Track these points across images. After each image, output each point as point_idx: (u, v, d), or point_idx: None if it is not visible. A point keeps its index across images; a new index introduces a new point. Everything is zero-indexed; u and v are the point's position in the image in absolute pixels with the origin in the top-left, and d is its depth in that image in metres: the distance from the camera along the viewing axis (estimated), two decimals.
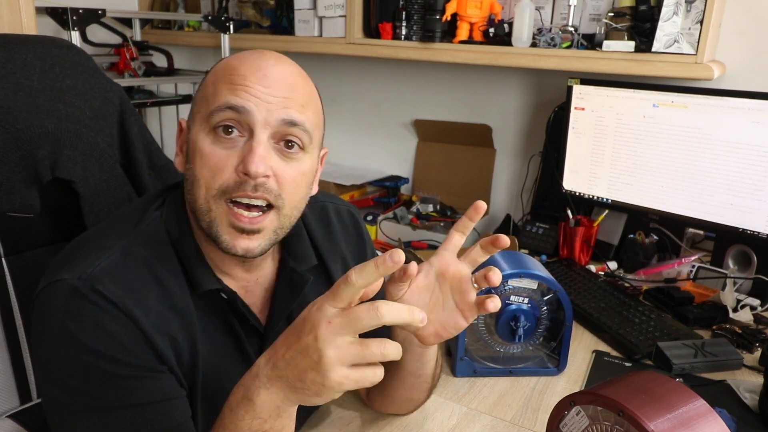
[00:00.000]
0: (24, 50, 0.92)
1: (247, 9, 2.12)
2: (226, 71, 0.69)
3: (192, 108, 0.73)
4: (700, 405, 0.64)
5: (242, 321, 0.77)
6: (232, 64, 0.70)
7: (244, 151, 0.67)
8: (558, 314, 1.06)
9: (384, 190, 2.07)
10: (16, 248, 0.97)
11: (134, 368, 0.65)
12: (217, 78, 0.70)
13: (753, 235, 1.36)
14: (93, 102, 0.99)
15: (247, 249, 0.70)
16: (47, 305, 0.66)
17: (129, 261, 0.68)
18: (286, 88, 0.69)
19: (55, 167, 0.94)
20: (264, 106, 0.67)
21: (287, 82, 0.70)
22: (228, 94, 0.67)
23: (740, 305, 1.33)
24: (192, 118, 0.73)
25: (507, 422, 0.95)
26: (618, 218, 1.65)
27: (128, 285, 0.67)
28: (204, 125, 0.69)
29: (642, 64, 1.43)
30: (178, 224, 0.74)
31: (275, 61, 0.70)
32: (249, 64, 0.69)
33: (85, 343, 0.63)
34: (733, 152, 1.35)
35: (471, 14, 1.63)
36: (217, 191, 0.68)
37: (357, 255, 0.92)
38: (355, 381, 0.56)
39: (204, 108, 0.70)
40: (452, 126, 2.01)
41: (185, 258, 0.73)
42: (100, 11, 1.72)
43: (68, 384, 0.64)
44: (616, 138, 1.53)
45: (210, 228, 0.70)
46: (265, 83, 0.68)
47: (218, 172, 0.68)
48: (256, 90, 0.67)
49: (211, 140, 0.68)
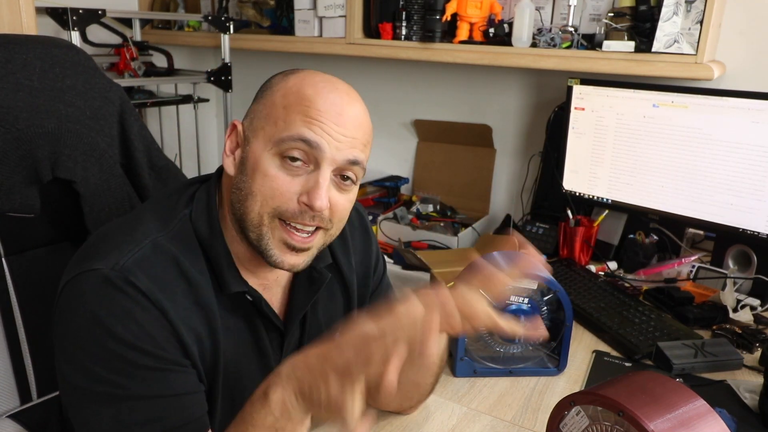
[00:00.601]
0: (24, 50, 0.92)
1: (247, 9, 2.12)
2: (302, 101, 0.70)
3: (252, 118, 0.74)
4: (700, 405, 0.64)
5: (265, 320, 0.79)
6: (307, 94, 0.71)
7: (309, 183, 0.70)
8: (558, 314, 1.06)
9: (384, 190, 2.07)
10: (16, 248, 0.97)
11: (160, 360, 0.66)
12: (289, 103, 0.71)
13: (753, 235, 1.36)
14: (93, 102, 0.99)
15: (294, 265, 0.74)
16: (77, 293, 0.67)
17: (159, 256, 0.70)
18: (355, 129, 0.72)
19: (56, 167, 0.94)
20: (335, 145, 0.70)
21: (357, 122, 0.72)
22: (302, 127, 0.69)
23: (740, 305, 1.33)
24: (252, 129, 0.73)
25: (507, 422, 0.95)
26: (618, 218, 1.65)
27: (158, 278, 0.68)
28: (271, 147, 0.71)
29: (642, 64, 1.43)
30: (208, 225, 0.75)
31: (348, 99, 0.72)
32: (324, 99, 0.70)
33: (114, 332, 0.65)
34: (733, 152, 1.35)
35: (471, 14, 1.63)
36: (274, 210, 0.71)
37: (364, 251, 0.94)
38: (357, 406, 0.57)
39: (272, 130, 0.71)
40: (452, 126, 2.01)
41: (214, 259, 0.74)
42: (100, 11, 1.72)
43: (92, 371, 0.65)
44: (616, 138, 1.53)
45: (259, 241, 0.72)
46: (339, 122, 0.70)
47: (279, 196, 0.70)
48: (330, 128, 0.70)
49: (278, 164, 0.70)
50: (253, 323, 0.78)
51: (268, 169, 0.70)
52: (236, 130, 0.76)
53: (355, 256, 0.91)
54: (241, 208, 0.72)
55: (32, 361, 1.01)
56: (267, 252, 0.72)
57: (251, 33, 2.16)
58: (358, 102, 0.74)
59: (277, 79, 0.75)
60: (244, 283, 0.76)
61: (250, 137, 0.73)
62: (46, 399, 1.03)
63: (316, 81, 0.72)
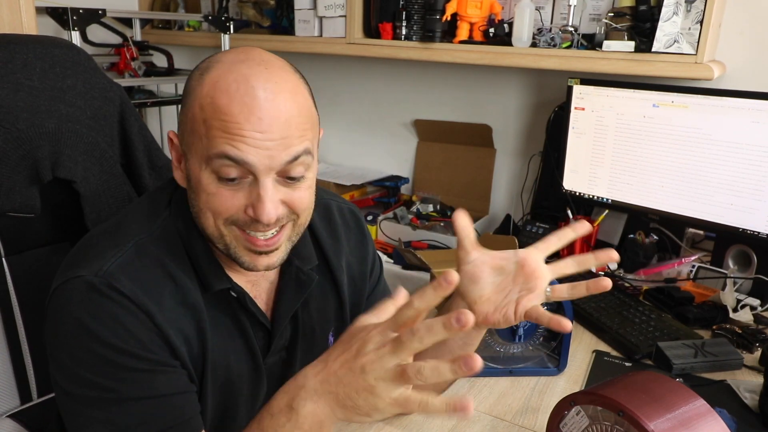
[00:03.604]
0: (24, 50, 0.92)
1: (248, 9, 2.12)
2: (217, 114, 0.65)
3: (183, 131, 0.70)
4: (700, 405, 0.64)
5: (251, 317, 0.78)
6: (221, 105, 0.65)
7: (252, 196, 0.67)
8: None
9: (384, 190, 2.07)
10: (16, 248, 0.97)
11: (149, 362, 0.67)
12: (207, 117, 0.66)
13: (753, 235, 1.36)
14: (93, 102, 0.99)
15: (268, 265, 0.73)
16: (64, 301, 0.67)
17: (143, 258, 0.70)
18: (284, 127, 0.66)
19: (56, 167, 0.94)
20: (265, 154, 0.65)
21: (283, 119, 0.66)
22: (224, 144, 0.65)
23: (740, 305, 1.33)
24: (185, 144, 0.70)
25: (507, 422, 0.95)
26: (618, 218, 1.65)
27: (143, 281, 0.68)
28: (204, 166, 0.67)
29: (642, 64, 1.43)
30: (185, 225, 0.75)
31: (266, 95, 0.65)
32: (240, 105, 0.64)
33: (101, 338, 0.65)
34: (733, 152, 1.35)
35: (471, 14, 1.63)
36: (226, 221, 0.69)
37: (359, 254, 0.93)
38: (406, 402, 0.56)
39: (200, 146, 0.67)
40: (452, 126, 2.01)
41: (195, 258, 0.74)
42: (100, 11, 1.72)
43: (82, 377, 0.66)
44: (616, 138, 1.53)
45: (227, 250, 0.71)
46: (261, 127, 0.64)
47: (225, 211, 0.68)
48: (254, 139, 0.64)
49: (215, 181, 0.67)
50: (240, 321, 0.78)
51: (208, 186, 0.68)
52: (173, 143, 0.74)
53: (348, 257, 0.90)
54: (200, 224, 0.72)
55: (32, 361, 1.01)
56: (238, 260, 0.72)
57: (251, 33, 2.16)
58: (282, 91, 0.66)
59: (195, 83, 0.69)
60: (227, 279, 0.75)
61: (186, 152, 0.71)
62: (46, 399, 1.03)
63: (229, 83, 0.65)
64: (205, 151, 0.66)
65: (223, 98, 0.65)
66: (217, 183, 0.67)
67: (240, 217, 0.69)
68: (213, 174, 0.67)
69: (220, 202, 0.68)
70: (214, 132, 0.65)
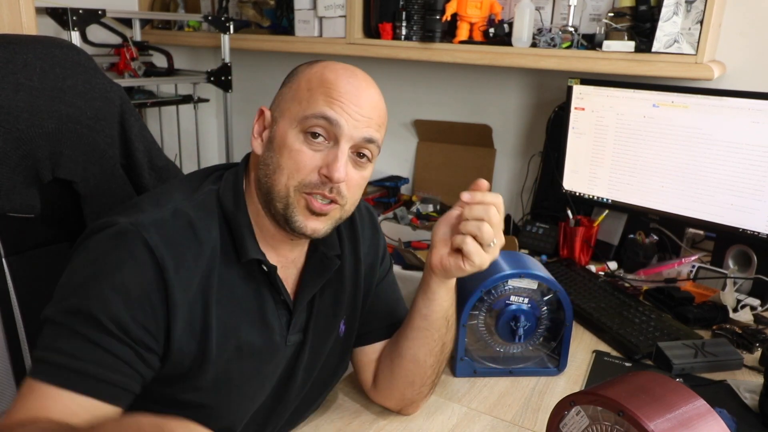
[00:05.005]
0: (24, 50, 0.92)
1: (247, 9, 2.12)
2: (324, 84, 0.78)
3: (279, 101, 0.82)
4: (700, 405, 0.64)
5: (274, 293, 0.83)
6: (329, 78, 0.79)
7: (329, 158, 0.77)
8: (558, 314, 1.06)
9: (384, 190, 2.07)
10: (16, 248, 0.97)
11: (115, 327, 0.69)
12: (312, 86, 0.79)
13: (753, 235, 1.36)
14: (93, 102, 0.99)
15: (315, 229, 0.80)
16: (93, 237, 0.74)
17: (176, 220, 0.76)
18: (371, 110, 0.80)
19: (56, 167, 0.95)
20: (352, 123, 0.78)
21: (374, 104, 0.81)
22: (324, 106, 0.77)
23: (740, 305, 1.34)
24: (279, 111, 0.81)
25: (507, 422, 0.95)
26: (618, 218, 1.65)
27: (170, 237, 0.74)
28: (295, 125, 0.78)
29: (642, 64, 1.43)
30: (234, 198, 0.82)
31: (366, 84, 0.81)
32: (345, 82, 0.79)
33: (97, 276, 0.70)
34: (734, 152, 1.35)
35: (471, 14, 1.63)
36: (298, 183, 0.78)
37: (371, 245, 0.98)
38: None
39: (297, 109, 0.78)
40: (452, 126, 2.01)
41: (236, 230, 0.80)
42: (100, 11, 1.72)
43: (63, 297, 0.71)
44: (616, 138, 1.53)
45: (286, 210, 0.79)
46: (357, 102, 0.78)
47: (303, 168, 0.77)
48: (350, 108, 0.78)
49: (302, 140, 0.78)
50: (262, 295, 0.82)
51: (293, 144, 0.77)
52: (263, 115, 0.83)
53: (363, 248, 0.96)
54: (269, 182, 0.79)
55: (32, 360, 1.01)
56: (292, 218, 0.78)
57: (251, 33, 2.17)
58: (375, 88, 0.83)
59: (302, 68, 0.83)
60: (262, 253, 0.81)
61: (278, 118, 0.81)
62: None
63: (338, 68, 0.81)
64: (303, 112, 0.78)
65: (331, 74, 0.79)
66: (302, 142, 0.77)
67: (312, 179, 0.77)
68: (301, 133, 0.77)
69: (300, 158, 0.77)
70: (317, 96, 0.78)
